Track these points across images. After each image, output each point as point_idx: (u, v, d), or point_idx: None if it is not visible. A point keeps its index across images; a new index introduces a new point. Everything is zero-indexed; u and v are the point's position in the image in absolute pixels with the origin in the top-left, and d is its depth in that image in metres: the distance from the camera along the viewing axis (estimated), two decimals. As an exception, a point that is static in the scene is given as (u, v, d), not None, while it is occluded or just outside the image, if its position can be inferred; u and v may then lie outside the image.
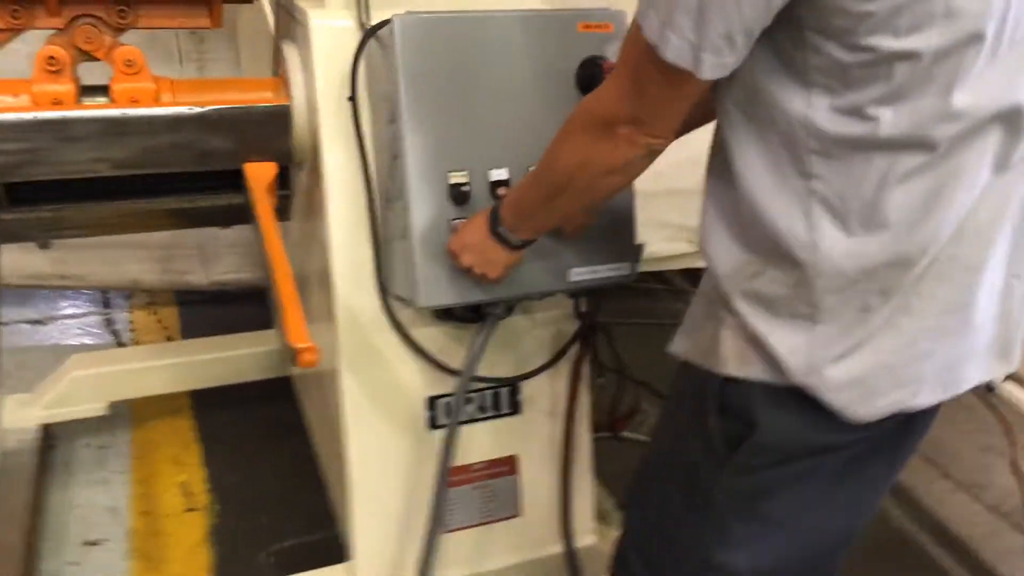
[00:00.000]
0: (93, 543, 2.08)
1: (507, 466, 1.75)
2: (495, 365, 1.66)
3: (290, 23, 1.66)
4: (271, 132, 1.51)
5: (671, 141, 1.04)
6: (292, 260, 1.39)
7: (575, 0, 1.48)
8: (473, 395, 1.67)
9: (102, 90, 1.50)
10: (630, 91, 0.99)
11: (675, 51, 0.89)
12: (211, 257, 2.90)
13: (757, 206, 0.99)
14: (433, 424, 1.65)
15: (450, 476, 1.68)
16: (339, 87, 1.49)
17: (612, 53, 1.40)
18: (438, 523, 1.56)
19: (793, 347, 1.02)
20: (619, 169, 1.06)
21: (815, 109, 0.93)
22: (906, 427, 1.08)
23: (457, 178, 1.38)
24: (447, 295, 1.41)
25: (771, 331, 1.03)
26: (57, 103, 1.44)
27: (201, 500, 2.23)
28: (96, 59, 1.50)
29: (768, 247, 1.01)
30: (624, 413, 1.78)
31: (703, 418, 1.12)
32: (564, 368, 1.73)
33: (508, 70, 1.39)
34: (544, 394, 1.74)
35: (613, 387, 1.73)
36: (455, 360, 1.58)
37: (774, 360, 1.03)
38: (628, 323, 2.74)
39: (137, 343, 2.90)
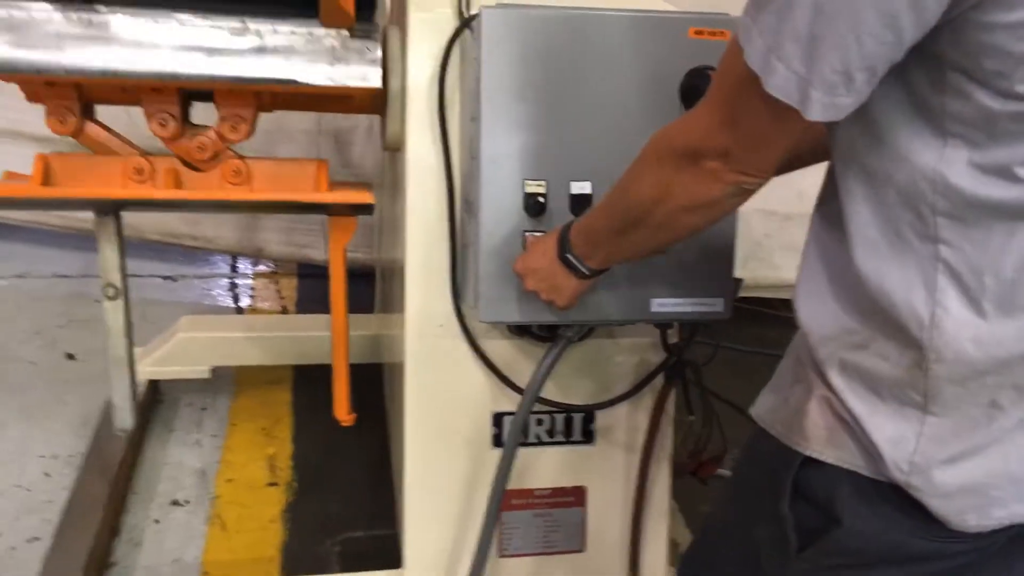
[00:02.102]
0: (178, 503, 2.14)
1: (574, 496, 1.63)
2: (571, 389, 1.55)
3: (398, 7, 1.60)
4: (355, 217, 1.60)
5: (768, 180, 0.88)
6: (378, 243, 1.34)
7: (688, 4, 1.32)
8: (544, 417, 1.56)
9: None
10: (723, 121, 0.83)
11: (780, 84, 0.73)
12: (332, 234, 2.93)
13: (867, 267, 0.82)
14: (497, 442, 1.56)
15: (512, 499, 1.59)
16: (431, 77, 1.41)
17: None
18: (487, 542, 1.47)
19: (896, 438, 0.85)
20: (702, 207, 0.91)
21: (949, 164, 0.75)
22: None
23: (534, 187, 1.26)
24: (511, 312, 1.30)
25: (871, 414, 0.86)
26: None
27: (284, 476, 2.24)
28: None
29: (879, 317, 0.83)
30: (710, 457, 1.61)
31: (775, 500, 0.95)
32: (646, 400, 1.59)
33: (604, 74, 1.26)
34: (621, 426, 1.60)
35: (700, 427, 1.57)
36: (526, 378, 1.47)
37: (870, 448, 0.86)
38: (748, 351, 2.55)
39: (255, 309, 2.98)
